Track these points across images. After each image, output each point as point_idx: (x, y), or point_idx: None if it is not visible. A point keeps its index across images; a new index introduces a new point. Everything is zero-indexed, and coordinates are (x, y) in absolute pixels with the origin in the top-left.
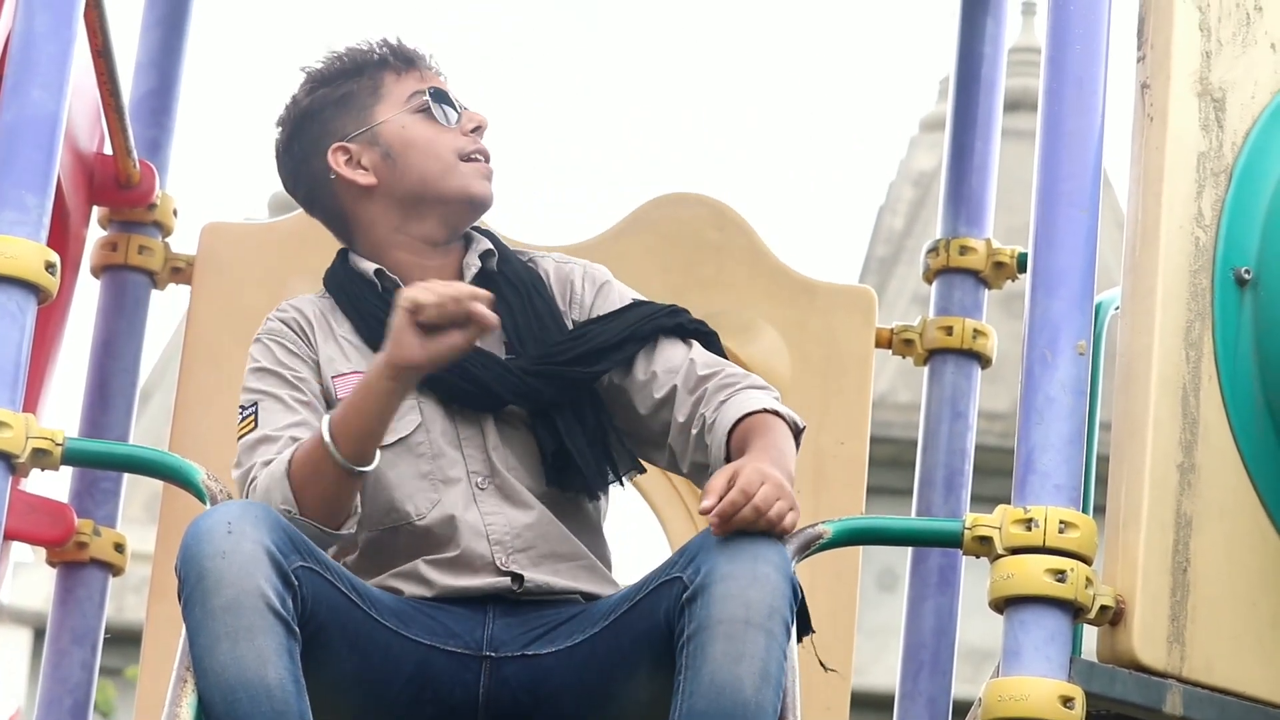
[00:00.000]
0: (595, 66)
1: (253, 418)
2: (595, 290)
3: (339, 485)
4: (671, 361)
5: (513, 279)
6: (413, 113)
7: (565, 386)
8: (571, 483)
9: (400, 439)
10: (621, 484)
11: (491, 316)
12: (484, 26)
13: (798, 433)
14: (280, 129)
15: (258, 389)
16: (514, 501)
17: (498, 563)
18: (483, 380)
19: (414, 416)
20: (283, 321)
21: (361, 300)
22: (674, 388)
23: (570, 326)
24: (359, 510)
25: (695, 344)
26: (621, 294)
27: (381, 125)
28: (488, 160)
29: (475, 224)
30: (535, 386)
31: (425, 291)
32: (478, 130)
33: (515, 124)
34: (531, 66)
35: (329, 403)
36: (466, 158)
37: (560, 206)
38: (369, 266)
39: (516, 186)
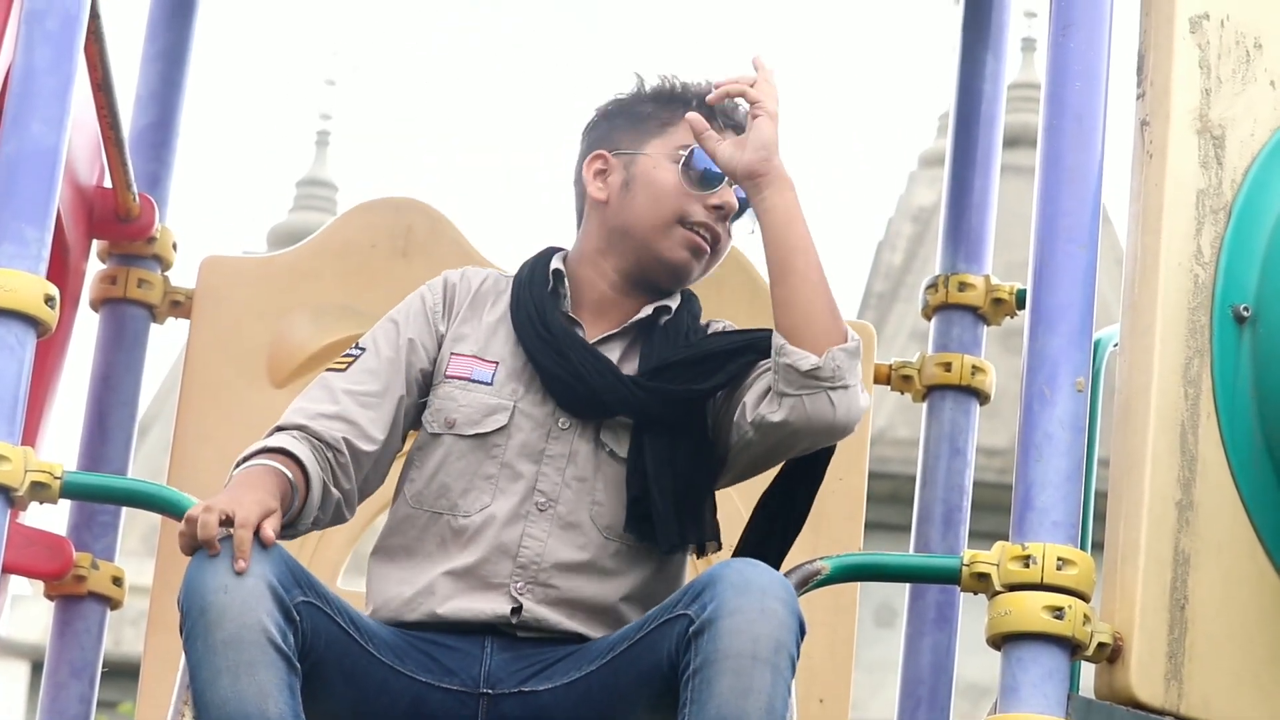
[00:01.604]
0: (595, 69)
1: (350, 361)
2: (734, 331)
3: None
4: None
5: (671, 332)
6: (672, 160)
7: (674, 401)
8: (644, 532)
9: (478, 434)
10: (701, 551)
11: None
12: (484, 28)
13: (848, 334)
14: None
15: (379, 336)
16: (567, 536)
17: (512, 587)
18: (593, 385)
19: (500, 418)
20: (444, 283)
21: (530, 284)
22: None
23: None
24: (316, 520)
25: None
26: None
27: (643, 156)
28: (712, 241)
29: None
30: (643, 400)
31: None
32: (720, 209)
33: (514, 126)
34: (531, 69)
35: (431, 374)
36: (688, 225)
37: (556, 209)
38: (557, 264)
39: (513, 192)
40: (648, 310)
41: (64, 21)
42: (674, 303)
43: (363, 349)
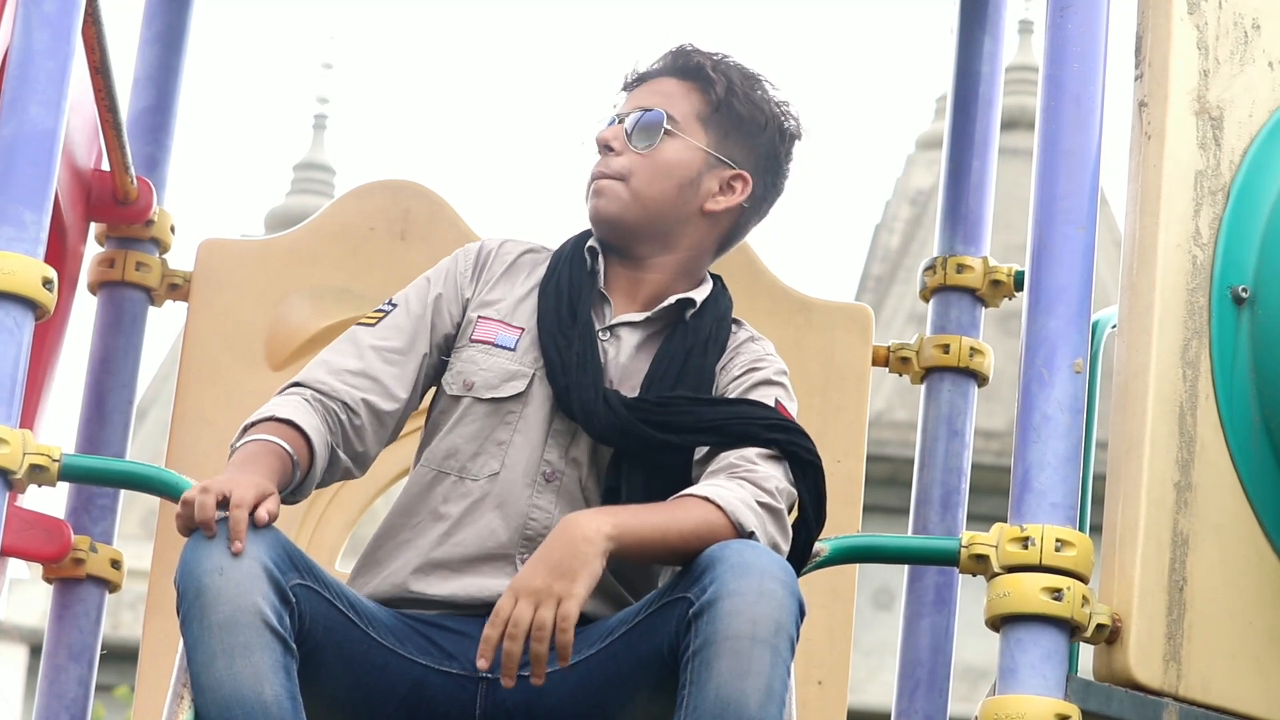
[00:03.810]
0: (593, 56)
1: (381, 317)
2: (745, 369)
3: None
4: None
5: (690, 333)
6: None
7: (632, 439)
8: None
9: (495, 399)
10: None
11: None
12: (481, 14)
13: (741, 530)
14: None
15: (410, 293)
16: (572, 508)
17: (518, 559)
18: (571, 387)
19: (518, 384)
20: (479, 250)
21: (571, 259)
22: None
23: (711, 390)
24: (321, 484)
25: (778, 458)
26: (765, 395)
27: None
28: (594, 188)
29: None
30: (603, 420)
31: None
32: (601, 147)
33: (511, 112)
34: (528, 55)
35: (454, 336)
36: (590, 177)
37: (553, 194)
38: (594, 241)
39: (510, 175)
40: (670, 301)
41: (62, 4)
42: (700, 295)
43: (394, 305)
